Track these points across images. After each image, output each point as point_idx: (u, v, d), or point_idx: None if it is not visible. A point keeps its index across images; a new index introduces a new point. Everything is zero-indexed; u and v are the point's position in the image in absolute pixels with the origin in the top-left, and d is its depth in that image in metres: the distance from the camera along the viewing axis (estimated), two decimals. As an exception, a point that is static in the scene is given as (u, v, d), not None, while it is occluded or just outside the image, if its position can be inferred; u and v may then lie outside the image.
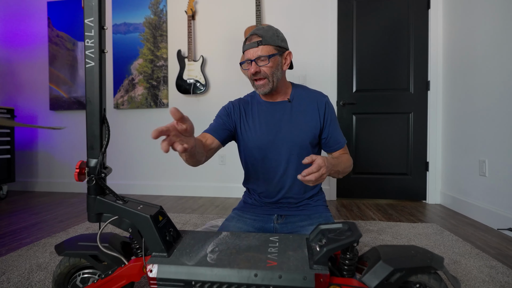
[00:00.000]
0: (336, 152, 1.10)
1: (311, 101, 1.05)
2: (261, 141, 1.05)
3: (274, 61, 0.98)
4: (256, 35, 0.96)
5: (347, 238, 0.69)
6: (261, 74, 0.98)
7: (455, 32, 2.14)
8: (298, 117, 1.04)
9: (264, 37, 0.95)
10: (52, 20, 2.86)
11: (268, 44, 0.96)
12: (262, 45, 0.95)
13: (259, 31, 0.96)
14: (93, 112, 0.75)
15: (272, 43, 0.96)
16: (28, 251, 1.32)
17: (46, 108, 2.90)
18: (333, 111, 1.09)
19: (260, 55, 0.95)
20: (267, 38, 0.96)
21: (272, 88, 1.00)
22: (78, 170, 0.75)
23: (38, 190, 2.93)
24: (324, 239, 0.73)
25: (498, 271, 1.10)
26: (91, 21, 0.70)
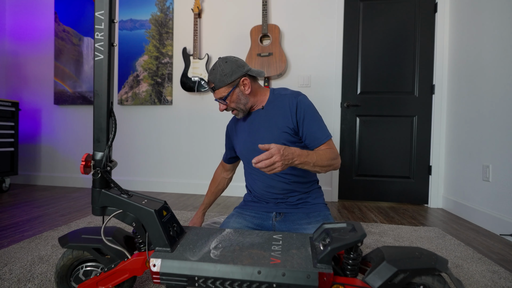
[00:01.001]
0: (317, 148, 1.07)
1: (283, 104, 1.11)
2: (245, 147, 1.16)
3: (232, 97, 1.08)
4: (210, 81, 1.09)
5: (352, 238, 0.69)
6: (229, 109, 1.12)
7: (461, 36, 2.13)
8: (272, 121, 1.11)
9: (215, 83, 1.07)
10: (59, 15, 2.87)
11: (220, 87, 1.07)
12: (216, 90, 1.08)
13: (210, 77, 1.08)
14: (101, 105, 0.75)
15: (222, 84, 1.06)
16: (30, 244, 1.32)
17: (51, 102, 2.91)
18: (308, 108, 1.08)
19: (219, 97, 1.08)
20: (217, 82, 1.06)
21: (244, 113, 1.13)
22: (84, 162, 0.75)
23: (40, 183, 2.94)
24: (328, 238, 0.73)
25: (500, 276, 1.09)
26: (101, 14, 0.71)
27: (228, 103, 1.09)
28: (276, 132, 1.08)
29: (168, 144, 2.71)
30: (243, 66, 1.08)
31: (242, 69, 1.07)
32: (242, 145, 1.17)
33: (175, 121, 2.70)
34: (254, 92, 1.13)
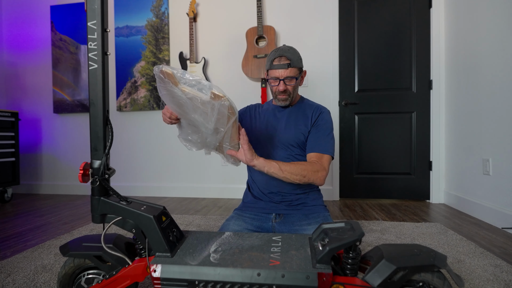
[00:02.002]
0: (308, 154, 1.13)
1: (309, 111, 1.19)
2: (262, 135, 1.18)
3: (297, 81, 1.14)
4: (285, 57, 1.09)
5: (350, 237, 0.69)
6: (286, 92, 1.13)
7: (457, 30, 2.13)
8: (293, 121, 1.17)
9: (292, 60, 1.09)
10: (55, 24, 2.89)
11: (295, 67, 1.10)
12: (291, 67, 1.09)
13: (287, 54, 1.09)
14: (97, 114, 0.76)
15: (298, 65, 1.11)
16: (33, 253, 1.33)
17: (50, 111, 2.93)
18: (326, 120, 1.16)
19: (289, 76, 1.09)
20: (294, 61, 1.10)
21: (290, 102, 1.17)
22: (82, 171, 0.76)
23: (42, 192, 2.96)
24: (327, 238, 0.73)
25: (502, 269, 1.09)
26: (94, 23, 0.71)
27: (294, 84, 1.12)
28: (293, 132, 1.15)
29: (168, 149, 2.72)
30: None
31: None
32: (259, 132, 1.20)
33: (174, 125, 2.70)
34: (298, 89, 1.22)
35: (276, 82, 1.11)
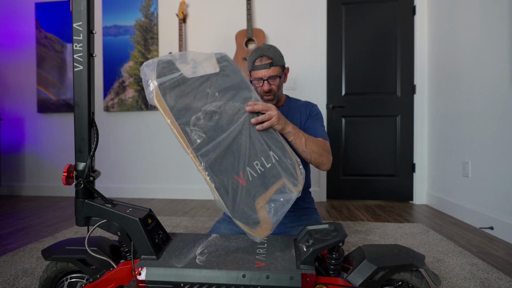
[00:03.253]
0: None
1: (302, 107, 1.21)
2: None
3: (281, 80, 1.14)
4: (266, 56, 1.08)
5: (333, 238, 0.71)
6: (271, 92, 1.13)
7: (439, 37, 2.21)
8: (288, 119, 1.13)
9: (273, 59, 1.08)
10: (40, 22, 2.82)
11: (277, 65, 1.10)
12: (273, 66, 1.09)
13: (268, 53, 1.08)
14: (82, 116, 0.75)
15: (279, 63, 1.11)
16: (14, 257, 1.29)
17: (34, 111, 2.85)
18: (319, 113, 1.21)
19: (272, 75, 1.09)
20: (276, 60, 1.09)
21: (276, 101, 1.17)
22: (66, 173, 0.75)
23: (25, 194, 2.87)
24: (311, 239, 0.75)
25: (479, 268, 1.14)
26: (79, 25, 0.71)
27: (275, 85, 1.11)
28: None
29: (156, 150, 2.69)
30: None
31: None
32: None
33: (163, 126, 2.68)
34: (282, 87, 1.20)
35: (260, 82, 1.11)
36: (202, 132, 0.75)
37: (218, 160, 0.76)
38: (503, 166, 1.56)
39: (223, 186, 0.74)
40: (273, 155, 0.81)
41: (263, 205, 0.76)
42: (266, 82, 1.09)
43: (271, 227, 0.75)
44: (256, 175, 0.78)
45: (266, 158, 0.80)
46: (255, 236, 0.72)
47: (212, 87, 0.78)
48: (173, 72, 0.76)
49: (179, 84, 0.75)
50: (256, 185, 0.77)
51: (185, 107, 0.75)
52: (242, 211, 0.74)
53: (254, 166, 0.78)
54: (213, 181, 0.74)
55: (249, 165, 0.78)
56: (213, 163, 0.75)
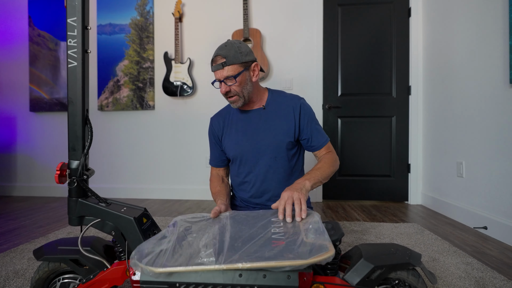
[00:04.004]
0: (318, 151, 1.11)
1: (287, 105, 1.09)
2: (241, 149, 1.09)
3: (241, 78, 1.00)
4: (219, 56, 0.98)
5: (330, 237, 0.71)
6: (231, 93, 1.02)
7: (434, 39, 2.23)
8: (273, 122, 1.07)
9: (227, 57, 0.97)
10: (33, 19, 2.77)
11: (232, 63, 0.98)
12: (227, 66, 0.97)
13: (221, 52, 0.98)
14: (75, 113, 0.74)
15: (236, 61, 0.98)
16: (4, 258, 1.27)
17: (26, 110, 2.80)
18: (310, 111, 1.11)
19: (227, 76, 0.98)
20: (230, 57, 0.97)
21: (244, 102, 1.05)
22: (59, 172, 0.74)
23: (16, 194, 2.82)
24: (308, 238, 0.74)
25: (473, 267, 1.15)
26: (74, 20, 0.70)
27: (235, 85, 1.00)
28: (278, 135, 1.07)
29: (151, 150, 2.67)
30: (253, 53, 1.06)
31: (253, 55, 1.04)
32: (237, 146, 1.09)
33: (158, 126, 2.66)
34: (257, 84, 1.08)
35: (219, 84, 1.03)
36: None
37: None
38: (497, 166, 1.57)
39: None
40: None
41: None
42: (222, 83, 1.00)
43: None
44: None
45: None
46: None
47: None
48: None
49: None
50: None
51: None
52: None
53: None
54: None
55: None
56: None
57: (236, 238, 0.72)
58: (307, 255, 0.62)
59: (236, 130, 1.11)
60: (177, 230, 0.78)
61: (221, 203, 0.99)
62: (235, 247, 0.68)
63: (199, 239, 0.73)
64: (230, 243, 0.70)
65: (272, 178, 1.09)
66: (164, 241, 0.73)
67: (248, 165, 1.11)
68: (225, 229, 0.79)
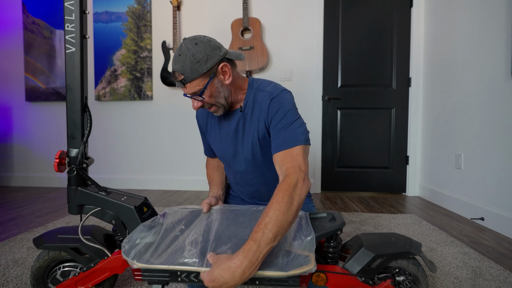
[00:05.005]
0: (274, 157, 0.82)
1: (261, 106, 0.90)
2: (224, 153, 1.00)
3: (210, 89, 0.84)
4: (177, 72, 0.81)
5: (331, 227, 0.71)
6: (207, 105, 0.88)
7: (435, 31, 2.21)
8: (250, 126, 0.93)
9: (184, 73, 0.79)
10: (27, 6, 2.70)
11: (192, 79, 0.80)
12: (187, 83, 0.81)
13: (176, 66, 0.80)
14: (74, 100, 0.72)
15: (196, 75, 0.80)
16: (4, 247, 1.26)
17: (22, 99, 2.76)
18: (282, 107, 0.86)
19: (193, 93, 0.83)
20: (188, 72, 0.79)
21: (225, 108, 0.90)
22: (58, 160, 0.73)
23: (14, 184, 2.80)
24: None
25: (470, 257, 1.16)
26: (71, 4, 0.67)
27: (206, 98, 0.84)
28: (256, 137, 0.91)
29: (149, 140, 2.65)
30: (219, 48, 0.82)
31: (218, 52, 0.81)
32: (220, 149, 1.01)
33: (156, 116, 2.64)
34: (235, 80, 0.89)
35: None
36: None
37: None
38: (495, 158, 1.58)
39: None
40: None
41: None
42: (192, 99, 0.85)
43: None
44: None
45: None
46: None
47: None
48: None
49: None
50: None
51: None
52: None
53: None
54: None
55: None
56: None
57: (222, 238, 0.71)
58: (287, 267, 0.61)
59: (219, 134, 1.00)
60: (165, 222, 0.78)
61: (212, 195, 0.97)
62: (218, 248, 0.67)
63: (186, 234, 0.73)
64: (214, 243, 0.69)
65: (256, 180, 1.01)
66: (151, 232, 0.73)
67: (232, 170, 1.03)
68: (212, 226, 0.78)
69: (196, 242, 0.70)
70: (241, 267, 0.57)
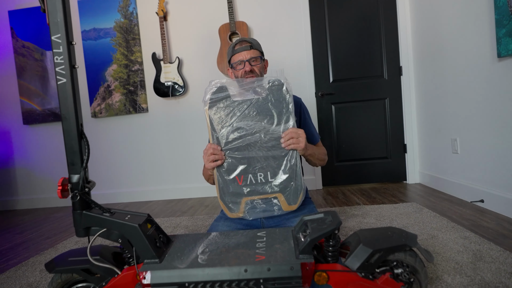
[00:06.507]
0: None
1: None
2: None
3: (262, 63, 1.18)
4: (245, 41, 1.16)
5: (329, 227, 0.74)
6: (253, 73, 1.15)
7: (422, 18, 2.23)
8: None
9: (253, 44, 1.16)
10: (15, 30, 2.73)
11: (257, 49, 1.16)
12: (253, 49, 1.15)
13: (247, 38, 1.17)
14: (70, 128, 0.75)
15: (259, 48, 1.18)
16: (17, 272, 1.30)
17: (20, 123, 2.79)
18: (306, 109, 1.29)
19: (253, 56, 1.14)
20: (255, 44, 1.17)
21: None
22: (60, 187, 0.75)
23: (19, 208, 2.84)
24: (308, 229, 0.77)
25: (471, 240, 1.19)
26: (58, 37, 0.70)
27: (260, 64, 1.16)
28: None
29: (148, 152, 2.68)
30: None
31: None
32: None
33: (153, 128, 2.66)
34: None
35: (242, 65, 1.14)
36: (226, 138, 0.99)
37: (232, 161, 1.00)
38: (489, 140, 1.60)
39: (222, 177, 1.01)
40: (282, 173, 0.99)
41: (245, 201, 1.01)
42: (247, 63, 1.13)
43: (242, 216, 1.03)
44: (254, 182, 1.00)
45: (273, 174, 0.99)
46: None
47: (249, 108, 0.98)
48: (222, 92, 0.98)
49: (221, 102, 0.98)
50: (250, 188, 1.00)
51: (219, 118, 0.98)
52: (225, 200, 1.02)
53: (257, 176, 1.00)
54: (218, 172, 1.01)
55: (252, 173, 1.00)
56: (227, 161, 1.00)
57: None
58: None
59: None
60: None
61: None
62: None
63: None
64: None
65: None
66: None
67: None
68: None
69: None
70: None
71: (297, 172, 1.00)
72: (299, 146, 0.97)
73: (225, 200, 1.03)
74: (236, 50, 1.15)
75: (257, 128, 0.98)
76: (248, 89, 0.99)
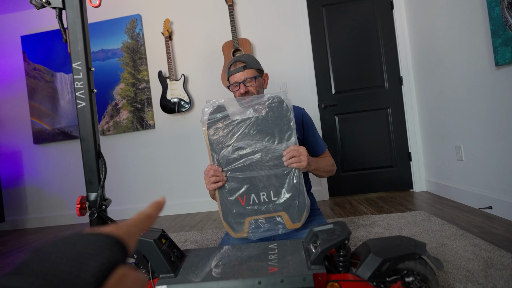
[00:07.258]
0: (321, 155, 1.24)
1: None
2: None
3: (258, 82, 1.18)
4: (239, 61, 1.16)
5: (339, 237, 0.75)
6: (249, 94, 1.15)
7: (419, 29, 2.29)
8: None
9: (247, 63, 1.15)
10: (27, 54, 2.85)
11: (252, 68, 1.16)
12: (247, 69, 1.15)
13: (241, 58, 1.16)
14: (88, 149, 0.79)
15: (254, 66, 1.17)
16: (31, 291, 1.31)
17: (30, 143, 2.86)
18: (310, 120, 1.32)
19: (247, 77, 1.14)
20: (250, 63, 1.16)
21: None
22: (79, 205, 0.79)
23: (29, 226, 2.87)
24: (319, 240, 0.79)
25: (481, 248, 1.19)
26: (78, 64, 0.75)
27: (255, 84, 1.16)
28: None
29: (156, 168, 2.72)
30: None
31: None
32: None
33: (160, 144, 2.72)
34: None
35: (237, 87, 1.16)
36: (226, 160, 0.99)
37: (233, 182, 1.00)
38: (493, 145, 1.62)
39: (225, 198, 1.02)
40: (285, 192, 0.99)
41: (249, 221, 1.01)
42: (242, 84, 1.14)
43: (245, 236, 1.02)
44: (257, 202, 1.00)
45: (276, 193, 0.99)
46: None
47: (249, 127, 0.97)
48: (221, 111, 0.98)
49: (219, 122, 0.98)
50: (253, 208, 1.00)
51: (218, 139, 0.98)
52: (229, 221, 1.02)
53: (259, 196, 0.99)
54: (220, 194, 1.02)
55: (254, 193, 0.99)
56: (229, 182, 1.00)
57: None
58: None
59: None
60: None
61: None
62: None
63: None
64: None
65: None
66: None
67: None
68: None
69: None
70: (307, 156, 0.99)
71: (301, 190, 0.99)
72: (301, 165, 0.96)
73: (228, 221, 1.02)
74: (231, 72, 1.17)
75: (258, 147, 0.97)
76: (247, 108, 0.97)
